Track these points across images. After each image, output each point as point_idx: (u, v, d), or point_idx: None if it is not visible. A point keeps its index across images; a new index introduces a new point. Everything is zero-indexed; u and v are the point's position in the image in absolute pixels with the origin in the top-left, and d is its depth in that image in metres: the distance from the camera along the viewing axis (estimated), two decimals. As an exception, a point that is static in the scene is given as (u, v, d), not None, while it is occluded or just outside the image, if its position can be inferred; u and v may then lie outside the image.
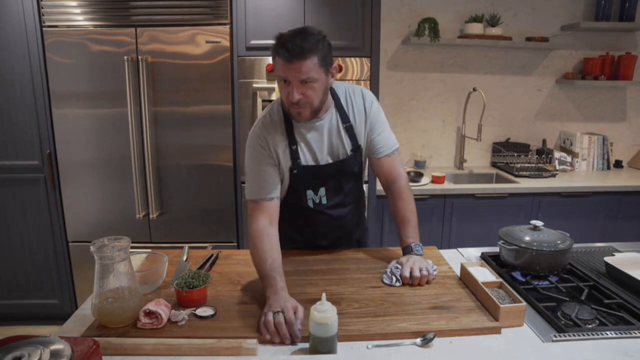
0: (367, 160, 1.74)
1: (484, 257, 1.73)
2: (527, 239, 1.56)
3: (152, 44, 2.67)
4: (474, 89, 3.35)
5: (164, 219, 2.89)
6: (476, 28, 3.34)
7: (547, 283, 1.52)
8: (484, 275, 1.50)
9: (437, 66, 3.52)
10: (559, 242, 1.53)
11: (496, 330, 1.26)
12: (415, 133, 3.63)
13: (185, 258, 1.71)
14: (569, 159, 3.57)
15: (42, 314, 3.03)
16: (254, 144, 1.58)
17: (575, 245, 1.62)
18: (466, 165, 3.63)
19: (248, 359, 1.14)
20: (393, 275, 1.53)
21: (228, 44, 2.67)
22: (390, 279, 1.53)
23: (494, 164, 3.67)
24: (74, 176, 2.83)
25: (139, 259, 1.59)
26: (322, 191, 1.65)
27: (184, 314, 1.29)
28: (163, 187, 2.85)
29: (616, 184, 3.16)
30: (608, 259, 1.59)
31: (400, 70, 3.50)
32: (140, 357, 1.15)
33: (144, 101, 2.70)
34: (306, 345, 1.18)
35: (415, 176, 3.18)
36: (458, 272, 1.58)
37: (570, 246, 1.54)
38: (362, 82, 2.79)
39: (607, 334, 1.22)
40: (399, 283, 1.51)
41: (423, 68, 3.51)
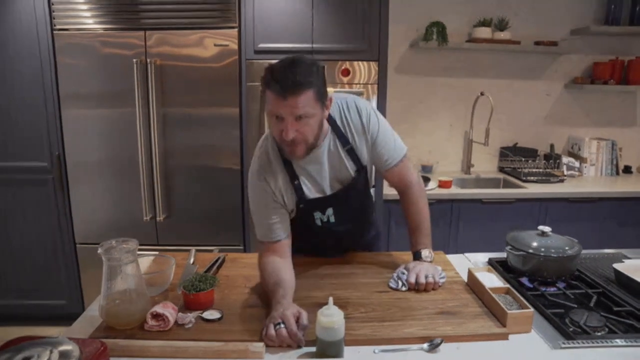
0: (374, 169, 1.69)
1: (491, 263, 1.72)
2: (535, 244, 1.54)
3: (161, 46, 2.69)
4: (482, 93, 3.34)
5: (170, 221, 2.90)
6: (484, 32, 3.33)
7: (555, 289, 1.51)
8: (491, 280, 1.49)
9: (445, 70, 3.51)
10: (567, 248, 1.52)
11: (503, 337, 1.25)
12: (422, 137, 3.62)
13: (192, 261, 1.72)
14: (577, 164, 3.54)
15: (50, 315, 3.04)
16: (256, 187, 1.50)
17: (583, 252, 1.60)
18: (473, 170, 3.62)
19: (254, 362, 1.14)
20: (399, 280, 1.53)
21: (236, 47, 2.68)
22: (396, 283, 1.52)
23: (501, 169, 3.66)
24: (81, 178, 2.85)
25: (146, 261, 1.60)
26: (330, 211, 1.58)
27: (190, 316, 1.29)
28: (170, 189, 2.86)
29: (625, 190, 3.13)
30: (617, 266, 1.58)
31: (408, 74, 3.50)
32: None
33: (152, 103, 2.72)
34: (313, 348, 1.17)
35: (422, 181, 3.16)
36: (465, 278, 1.58)
37: (579, 252, 1.53)
38: (370, 86, 2.79)
39: (617, 342, 1.20)
40: (405, 288, 1.51)
41: (431, 72, 3.50)
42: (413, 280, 1.49)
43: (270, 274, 1.43)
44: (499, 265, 1.68)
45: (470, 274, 1.53)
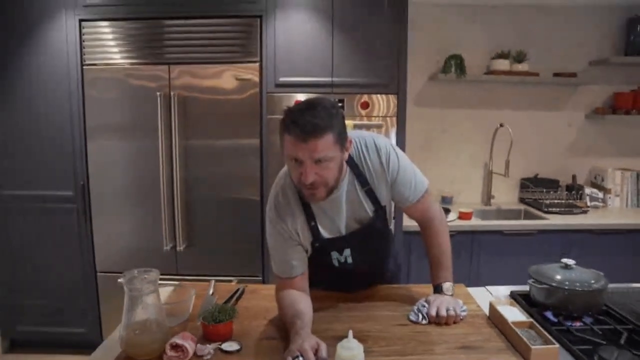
0: (394, 204, 1.67)
1: (514, 296, 1.69)
2: (559, 277, 1.51)
3: (184, 79, 2.77)
4: (501, 125, 3.34)
5: (190, 251, 2.92)
6: (502, 64, 3.35)
7: (581, 324, 1.46)
8: (514, 314, 1.46)
9: (464, 102, 3.53)
10: (592, 282, 1.48)
11: (528, 373, 1.22)
12: (442, 169, 3.60)
13: (211, 292, 1.72)
14: (600, 195, 3.48)
15: (70, 342, 3.06)
16: (274, 227, 1.49)
17: (611, 285, 1.56)
18: (494, 201, 3.58)
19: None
20: (420, 313, 1.50)
21: (257, 80, 2.75)
22: (417, 316, 1.50)
23: (522, 200, 3.61)
24: (105, 207, 2.91)
25: (166, 291, 1.61)
26: (347, 252, 1.56)
27: (209, 348, 1.29)
28: (191, 219, 2.90)
29: (652, 222, 3.05)
30: (647, 301, 1.53)
31: (427, 107, 3.52)
32: (165, 391, 1.15)
33: (174, 135, 2.78)
34: (332, 383, 1.16)
35: (444, 213, 3.14)
36: (487, 311, 1.55)
37: (605, 286, 1.49)
38: (389, 119, 2.81)
39: (648, 381, 1.16)
40: (425, 321, 1.48)
41: (450, 104, 3.52)
42: (434, 312, 1.47)
43: (288, 307, 1.42)
44: (521, 299, 1.64)
45: (492, 308, 1.50)
